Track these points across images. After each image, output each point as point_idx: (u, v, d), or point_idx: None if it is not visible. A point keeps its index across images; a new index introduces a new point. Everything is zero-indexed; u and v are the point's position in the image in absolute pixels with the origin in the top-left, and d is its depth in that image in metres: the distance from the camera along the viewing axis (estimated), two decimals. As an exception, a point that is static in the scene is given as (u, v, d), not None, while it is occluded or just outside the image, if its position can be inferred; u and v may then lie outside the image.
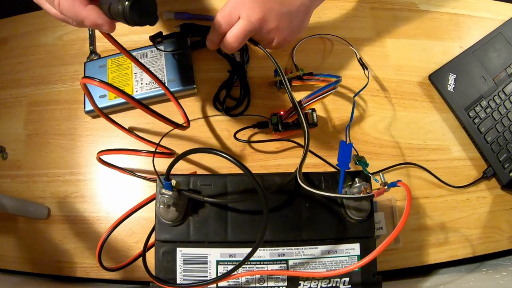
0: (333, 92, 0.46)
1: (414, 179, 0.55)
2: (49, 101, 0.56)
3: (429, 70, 0.58)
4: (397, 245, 0.52)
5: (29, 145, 0.54)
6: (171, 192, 0.36)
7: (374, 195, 0.35)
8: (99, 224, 0.51)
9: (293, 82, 0.54)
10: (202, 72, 0.56)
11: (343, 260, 0.38)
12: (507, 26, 0.61)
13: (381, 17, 0.61)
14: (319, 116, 0.55)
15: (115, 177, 0.52)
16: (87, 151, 0.54)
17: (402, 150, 0.55)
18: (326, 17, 0.60)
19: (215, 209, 0.38)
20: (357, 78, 0.57)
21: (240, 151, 0.54)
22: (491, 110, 0.57)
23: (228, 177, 0.39)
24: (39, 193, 0.52)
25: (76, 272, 0.50)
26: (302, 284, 0.38)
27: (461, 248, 0.53)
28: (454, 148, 0.57)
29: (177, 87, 0.53)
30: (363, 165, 0.42)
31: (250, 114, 0.55)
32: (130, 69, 0.54)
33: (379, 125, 0.56)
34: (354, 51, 0.58)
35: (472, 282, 0.46)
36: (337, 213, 0.39)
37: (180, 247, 0.38)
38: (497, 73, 0.59)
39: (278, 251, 0.38)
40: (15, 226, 0.52)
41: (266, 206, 0.33)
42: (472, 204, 0.55)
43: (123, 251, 0.50)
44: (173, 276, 0.38)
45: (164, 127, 0.53)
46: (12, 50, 0.58)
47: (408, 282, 0.51)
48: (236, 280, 0.37)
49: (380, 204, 0.52)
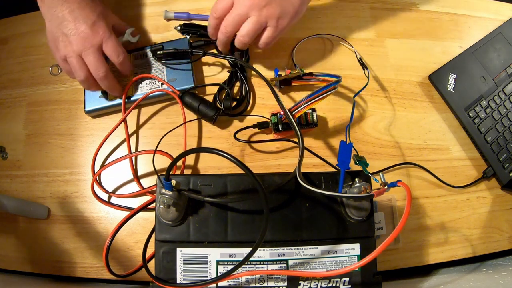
0: (333, 92, 0.46)
1: (414, 179, 0.55)
2: (49, 101, 0.56)
3: (429, 70, 0.58)
4: (397, 245, 0.52)
5: (29, 145, 0.54)
6: (171, 192, 0.36)
7: (374, 195, 0.35)
8: (99, 224, 0.51)
9: (293, 82, 0.54)
10: (203, 73, 0.56)
11: (343, 260, 0.38)
12: (507, 26, 0.61)
13: (381, 17, 0.61)
14: (319, 116, 0.55)
15: (116, 172, 0.52)
16: (87, 151, 0.54)
17: (402, 150, 0.55)
18: (326, 17, 0.60)
19: (215, 209, 0.38)
20: (357, 78, 0.57)
21: (240, 151, 0.54)
22: (491, 110, 0.57)
23: (228, 177, 0.39)
24: (39, 193, 0.52)
25: (76, 272, 0.50)
26: (302, 284, 0.38)
27: (461, 248, 0.53)
28: (454, 148, 0.57)
29: (177, 87, 0.53)
30: (363, 165, 0.42)
31: (250, 114, 0.55)
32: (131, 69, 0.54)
33: (379, 125, 0.56)
34: (354, 51, 0.58)
35: (472, 282, 0.46)
36: (337, 213, 0.39)
37: (180, 247, 0.38)
38: (497, 73, 0.59)
39: (278, 251, 0.38)
40: (15, 226, 0.51)
41: (267, 206, 0.33)
42: (472, 204, 0.55)
43: (123, 251, 0.50)
44: (173, 276, 0.38)
45: (163, 127, 0.54)
46: (12, 50, 0.58)
47: (408, 282, 0.51)
48: (236, 280, 0.37)
49: (380, 204, 0.52)
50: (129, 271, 0.47)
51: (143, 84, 0.53)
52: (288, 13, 0.46)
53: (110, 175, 0.52)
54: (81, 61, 0.47)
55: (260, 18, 0.45)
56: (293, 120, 0.44)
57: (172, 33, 0.58)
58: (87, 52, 0.46)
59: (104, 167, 0.51)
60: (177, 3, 0.60)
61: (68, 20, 0.45)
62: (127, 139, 0.53)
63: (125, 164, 0.52)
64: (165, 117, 0.55)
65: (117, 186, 0.52)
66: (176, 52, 0.53)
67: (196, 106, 0.51)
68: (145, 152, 0.52)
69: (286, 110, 0.44)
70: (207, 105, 0.51)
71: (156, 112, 0.55)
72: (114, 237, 0.42)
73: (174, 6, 0.59)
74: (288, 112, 0.44)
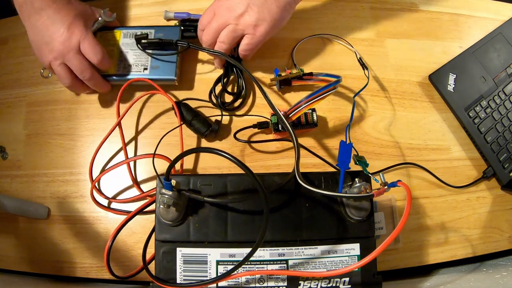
0: (333, 92, 0.46)
1: (414, 179, 0.55)
2: (49, 101, 0.56)
3: (429, 70, 0.58)
4: (397, 245, 0.52)
5: (29, 145, 0.54)
6: (171, 192, 0.36)
7: (374, 195, 0.35)
8: (99, 224, 0.51)
9: (293, 82, 0.54)
10: (196, 72, 0.56)
11: (343, 260, 0.38)
12: (507, 26, 0.61)
13: (381, 17, 0.61)
14: (319, 116, 0.55)
15: (115, 177, 0.52)
16: (87, 151, 0.54)
17: (402, 150, 0.55)
18: (326, 17, 0.60)
19: (215, 209, 0.38)
20: (357, 78, 0.57)
21: (240, 151, 0.54)
22: (491, 110, 0.57)
23: (228, 177, 0.39)
24: (39, 193, 0.52)
25: (76, 272, 0.50)
26: (302, 284, 0.38)
27: (461, 248, 0.53)
28: (454, 148, 0.57)
29: (158, 76, 0.52)
30: (363, 165, 0.42)
31: (250, 114, 0.55)
32: (116, 46, 0.53)
33: (379, 125, 0.56)
34: (354, 51, 0.58)
35: (472, 282, 0.46)
36: (337, 213, 0.39)
37: (180, 247, 0.38)
38: (497, 73, 0.59)
39: (278, 251, 0.38)
40: (15, 226, 0.52)
41: (267, 206, 0.33)
42: (472, 204, 0.55)
43: (123, 251, 0.50)
44: (173, 276, 0.38)
45: (162, 127, 0.54)
46: (12, 50, 0.58)
47: (408, 282, 0.51)
48: (236, 280, 0.37)
49: (380, 204, 0.52)
50: (130, 273, 0.47)
51: (125, 65, 0.53)
52: (265, 21, 0.47)
53: (109, 179, 0.53)
54: (65, 67, 0.48)
55: (237, 26, 0.47)
56: (283, 119, 0.44)
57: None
58: (68, 57, 0.47)
59: (103, 173, 0.51)
60: (177, 3, 0.60)
61: (47, 27, 0.46)
62: (123, 146, 0.53)
63: (124, 168, 0.52)
64: (165, 117, 0.55)
65: (116, 191, 0.52)
66: (160, 42, 0.52)
67: (189, 120, 0.52)
68: (144, 156, 0.52)
69: (276, 109, 0.44)
70: (200, 121, 0.52)
71: (156, 112, 0.55)
72: (114, 240, 0.42)
73: (174, 6, 0.59)
74: (277, 110, 0.44)
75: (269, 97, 0.45)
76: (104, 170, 0.51)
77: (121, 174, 0.52)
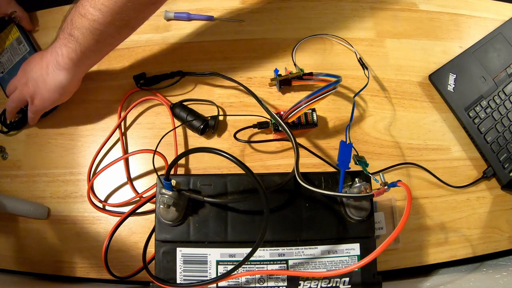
0: (333, 92, 0.46)
1: (414, 179, 0.55)
2: (49, 101, 0.56)
3: (429, 70, 0.58)
4: (397, 245, 0.52)
5: (29, 145, 0.54)
6: (171, 192, 0.36)
7: (374, 195, 0.35)
8: (99, 224, 0.51)
9: (293, 82, 0.54)
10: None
11: (343, 260, 0.38)
12: (507, 26, 0.61)
13: (381, 17, 0.61)
14: (319, 116, 0.55)
15: (115, 177, 0.52)
16: (87, 151, 0.54)
17: (402, 150, 0.55)
18: (326, 17, 0.60)
19: (215, 209, 0.38)
20: (357, 78, 0.57)
21: (240, 151, 0.54)
22: (491, 110, 0.57)
23: (228, 177, 0.39)
24: (39, 193, 0.52)
25: (76, 272, 0.50)
26: (302, 284, 0.38)
27: (461, 248, 0.53)
28: (454, 148, 0.57)
29: None
30: (363, 165, 0.42)
31: (250, 114, 0.55)
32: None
33: (379, 125, 0.56)
34: (354, 51, 0.58)
35: (472, 282, 0.46)
36: (337, 213, 0.39)
37: (180, 247, 0.38)
38: (497, 73, 0.59)
39: (278, 251, 0.38)
40: (15, 226, 0.52)
41: (267, 206, 0.33)
42: (472, 204, 0.55)
43: (123, 251, 0.50)
44: (173, 276, 0.38)
45: (163, 127, 0.54)
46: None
47: (408, 282, 0.51)
48: (236, 280, 0.37)
49: (380, 204, 0.52)
50: (129, 273, 0.47)
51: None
52: (41, 95, 0.49)
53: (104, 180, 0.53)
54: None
55: (21, 92, 0.50)
56: (280, 121, 0.44)
57: (172, 33, 0.58)
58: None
59: (97, 174, 0.51)
60: (177, 3, 0.60)
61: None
62: (123, 146, 0.53)
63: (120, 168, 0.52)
64: (165, 117, 0.54)
65: (111, 191, 0.52)
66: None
67: (184, 117, 0.52)
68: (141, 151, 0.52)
69: (272, 112, 0.45)
70: (194, 116, 0.52)
71: (156, 112, 0.55)
72: (110, 241, 0.42)
73: (174, 6, 0.59)
74: (273, 113, 0.45)
75: (263, 102, 0.45)
76: (98, 171, 0.52)
77: (117, 175, 0.52)
